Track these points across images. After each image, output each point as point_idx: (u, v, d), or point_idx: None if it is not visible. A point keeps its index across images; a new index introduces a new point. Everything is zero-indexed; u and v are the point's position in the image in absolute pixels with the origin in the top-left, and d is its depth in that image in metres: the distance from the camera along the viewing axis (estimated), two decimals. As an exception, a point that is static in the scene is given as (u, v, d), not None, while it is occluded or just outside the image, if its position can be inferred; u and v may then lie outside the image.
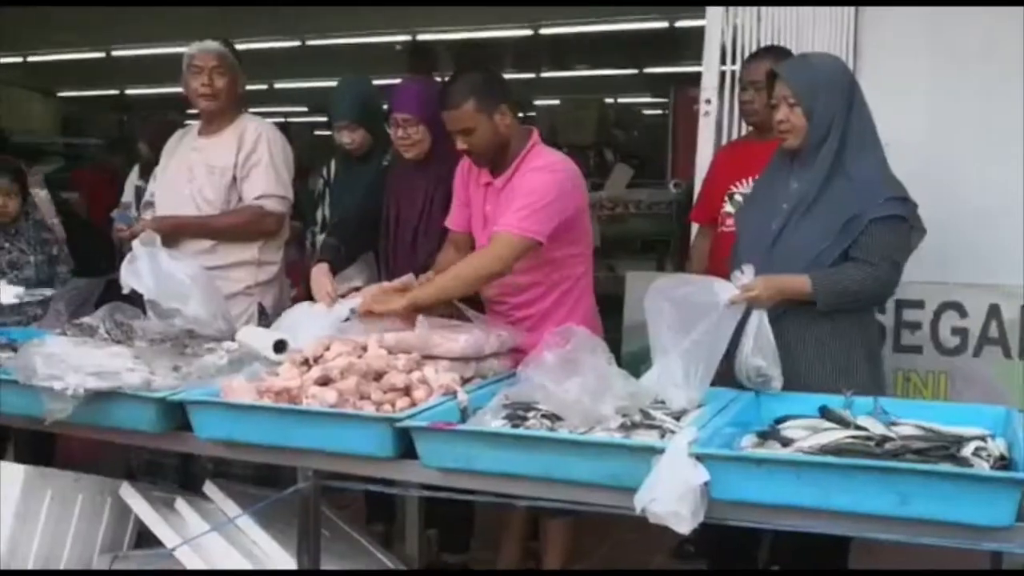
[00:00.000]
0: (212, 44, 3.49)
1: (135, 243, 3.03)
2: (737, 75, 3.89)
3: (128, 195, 5.77)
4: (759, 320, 2.51)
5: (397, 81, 3.66)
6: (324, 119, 12.89)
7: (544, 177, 2.86)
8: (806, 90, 2.60)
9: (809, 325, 2.60)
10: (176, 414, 2.46)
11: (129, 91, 13.46)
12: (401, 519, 3.38)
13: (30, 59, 11.47)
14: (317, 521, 2.42)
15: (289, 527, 2.67)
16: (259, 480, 3.19)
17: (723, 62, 4.20)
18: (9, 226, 3.80)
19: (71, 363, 2.41)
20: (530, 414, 2.25)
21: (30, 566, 2.79)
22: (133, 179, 5.68)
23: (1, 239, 3.78)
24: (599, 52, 10.60)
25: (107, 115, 14.91)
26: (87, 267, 5.37)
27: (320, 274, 3.23)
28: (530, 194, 2.82)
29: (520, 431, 2.17)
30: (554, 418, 2.23)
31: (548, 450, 2.08)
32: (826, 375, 2.60)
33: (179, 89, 3.71)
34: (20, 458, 3.43)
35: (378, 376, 2.42)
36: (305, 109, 13.49)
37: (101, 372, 2.41)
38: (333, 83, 4.00)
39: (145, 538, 3.02)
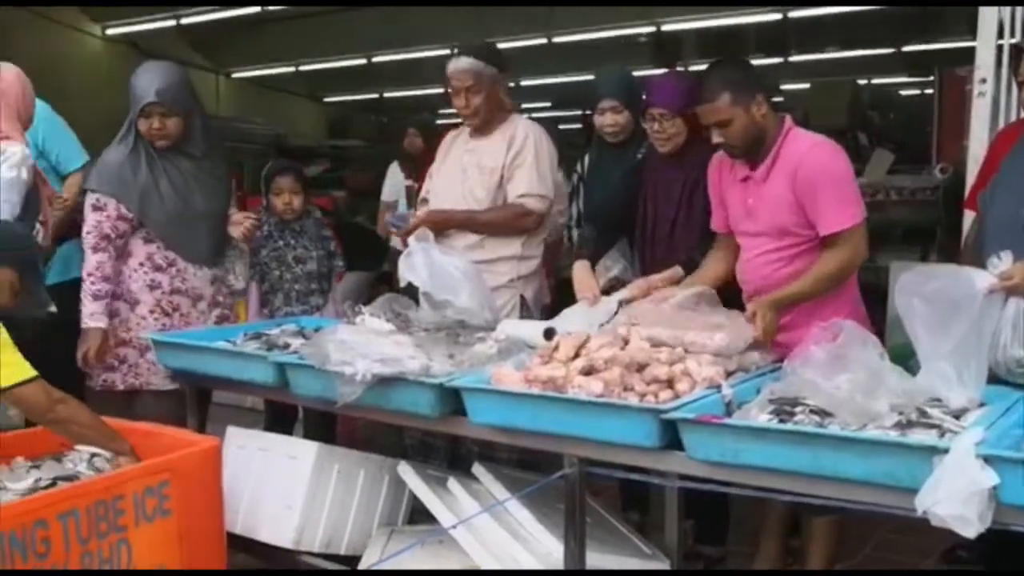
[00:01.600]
0: (464, 62, 3.57)
1: (411, 239, 3.24)
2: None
3: (391, 193, 6.19)
4: (1017, 309, 2.36)
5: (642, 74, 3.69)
6: (569, 113, 13.12)
7: (827, 155, 2.84)
8: None
9: None
10: (451, 399, 2.62)
11: (387, 94, 14.26)
12: (656, 509, 3.41)
13: (301, 68, 12.44)
14: (582, 507, 2.51)
15: (552, 510, 2.79)
16: (520, 464, 3.33)
17: (1000, 35, 3.92)
18: (294, 223, 4.12)
19: (360, 350, 2.62)
20: (797, 409, 2.22)
21: (319, 535, 3.06)
22: (398, 177, 6.05)
23: (288, 235, 4.10)
24: (851, 32, 10.16)
25: (367, 117, 15.90)
26: (358, 262, 5.80)
27: (583, 271, 3.33)
28: (831, 181, 2.80)
29: (792, 426, 2.14)
30: (823, 414, 2.19)
31: (819, 446, 2.04)
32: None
33: (433, 91, 3.90)
34: (307, 436, 3.76)
35: (641, 368, 2.47)
36: (549, 104, 13.78)
37: (386, 359, 2.60)
38: (577, 77, 4.08)
39: (418, 513, 3.25)
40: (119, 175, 3.47)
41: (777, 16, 9.13)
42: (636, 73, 4.32)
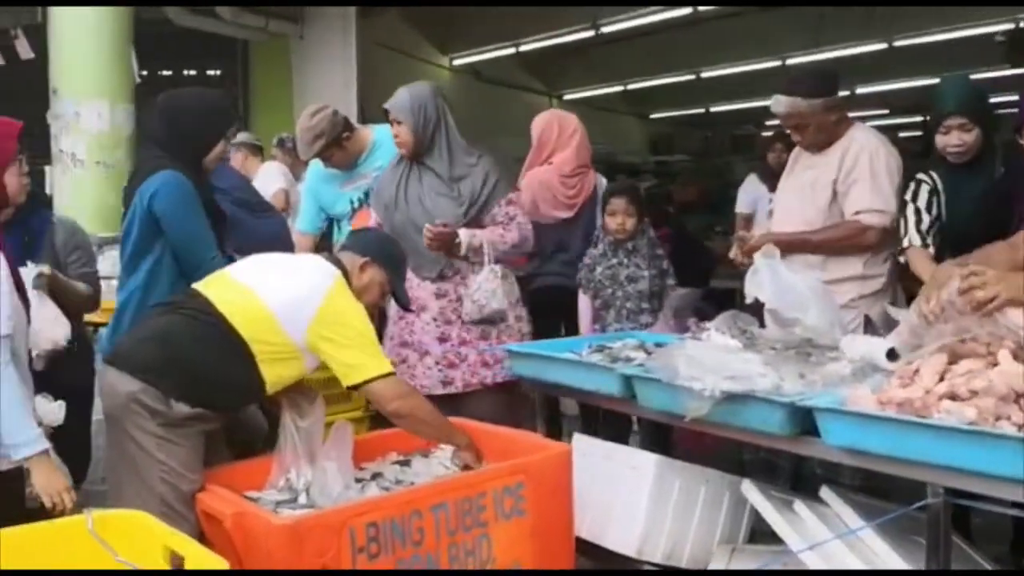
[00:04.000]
0: (783, 103, 3.53)
1: (756, 256, 3.21)
2: None
3: (746, 204, 6.24)
4: None
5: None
6: (908, 121, 12.36)
7: None
8: None
9: None
10: (802, 419, 2.56)
11: (713, 109, 14.19)
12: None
13: (629, 87, 12.71)
14: (947, 541, 2.36)
15: (908, 542, 2.64)
16: (866, 490, 3.18)
17: None
18: (627, 242, 4.21)
19: (709, 366, 2.64)
20: None
21: (661, 548, 3.09)
22: (757, 189, 6.07)
23: (622, 254, 4.20)
24: None
25: (691, 132, 15.93)
26: (686, 277, 5.83)
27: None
28: None
29: None
30: None
31: None
32: None
33: (758, 104, 3.87)
34: (642, 446, 3.81)
35: (1019, 396, 2.28)
36: (886, 112, 13.05)
37: (735, 376, 2.60)
38: (916, 83, 3.81)
39: (758, 533, 3.20)
40: (379, 187, 3.84)
41: None
42: (990, 76, 3.99)
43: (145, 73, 6.82)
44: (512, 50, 10.90)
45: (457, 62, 11.45)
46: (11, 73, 7.45)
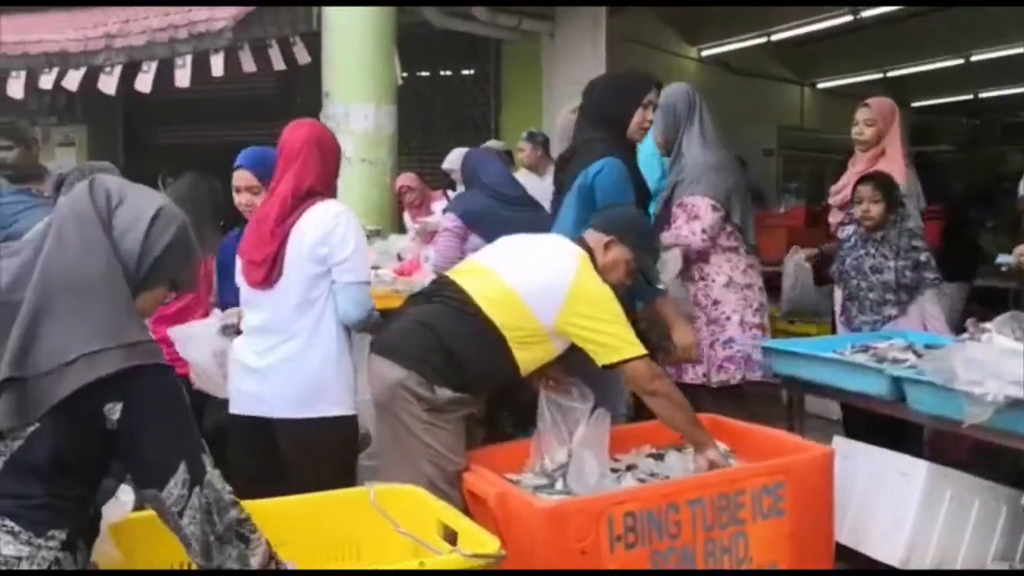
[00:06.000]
0: None
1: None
2: None
3: None
4: None
5: None
6: None
7: None
8: None
9: None
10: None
11: (983, 95, 13.17)
12: None
13: (889, 74, 12.02)
14: None
15: None
16: None
17: None
18: (876, 232, 4.00)
19: (991, 370, 2.48)
20: None
21: (928, 560, 2.94)
22: None
23: (871, 245, 4.00)
24: None
25: (957, 120, 14.85)
26: (953, 273, 5.46)
27: None
28: None
29: None
30: None
31: None
32: None
33: None
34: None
35: None
36: None
37: (1021, 381, 2.43)
38: None
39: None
40: None
41: None
42: None
43: (405, 75, 7.17)
44: (763, 39, 10.59)
45: (705, 53, 11.25)
46: (291, 78, 8.07)
